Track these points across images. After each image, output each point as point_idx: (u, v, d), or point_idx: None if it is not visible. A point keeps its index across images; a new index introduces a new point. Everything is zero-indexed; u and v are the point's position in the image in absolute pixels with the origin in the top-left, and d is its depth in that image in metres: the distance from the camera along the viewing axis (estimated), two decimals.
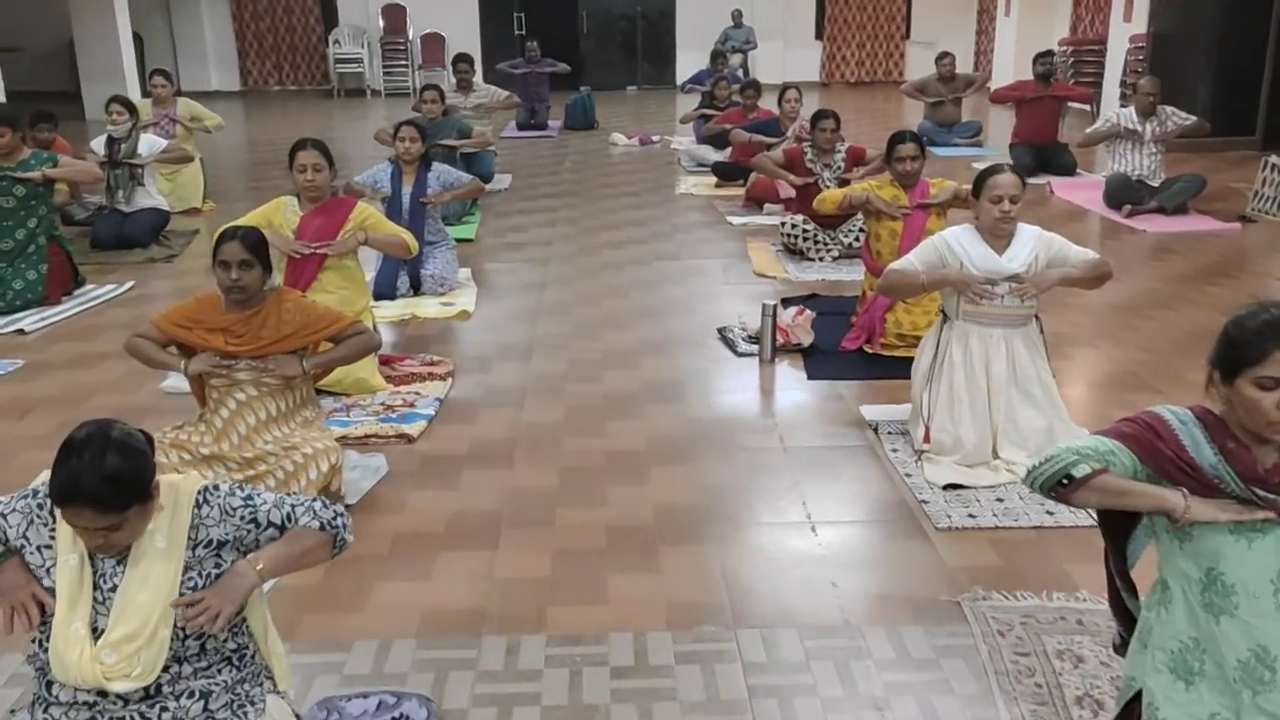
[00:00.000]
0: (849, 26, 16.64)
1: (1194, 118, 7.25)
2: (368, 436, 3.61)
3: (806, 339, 4.46)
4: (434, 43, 15.97)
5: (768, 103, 8.95)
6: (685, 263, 6.03)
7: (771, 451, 3.48)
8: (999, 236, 3.33)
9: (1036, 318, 3.40)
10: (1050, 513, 2.97)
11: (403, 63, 15.85)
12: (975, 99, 11.27)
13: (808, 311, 4.57)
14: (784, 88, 7.54)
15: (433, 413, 3.81)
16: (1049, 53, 8.97)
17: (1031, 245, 3.33)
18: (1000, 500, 3.06)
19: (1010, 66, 13.37)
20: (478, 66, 15.44)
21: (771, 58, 16.10)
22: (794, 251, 6.02)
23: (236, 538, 1.83)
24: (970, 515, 2.97)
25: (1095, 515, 1.96)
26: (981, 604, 2.48)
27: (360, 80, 15.93)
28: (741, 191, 7.71)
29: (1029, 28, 13.73)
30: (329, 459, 2.94)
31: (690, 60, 14.95)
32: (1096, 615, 2.38)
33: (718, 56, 11.39)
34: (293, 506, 1.86)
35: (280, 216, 4.14)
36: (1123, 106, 7.87)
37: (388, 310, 5.06)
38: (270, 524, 1.84)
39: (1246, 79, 9.55)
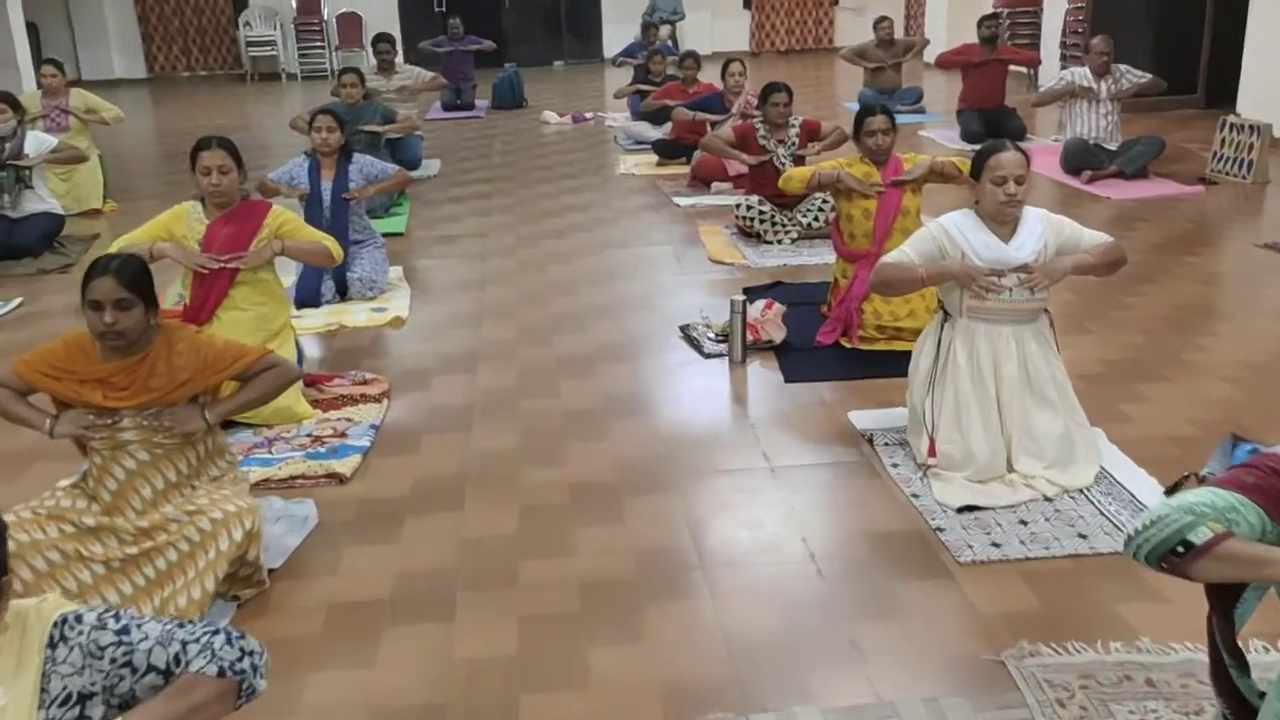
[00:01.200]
0: None
1: (1148, 75, 7.03)
2: (294, 479, 3.13)
3: (779, 335, 4.08)
4: (351, 22, 15.16)
5: (707, 75, 8.53)
6: (635, 251, 5.60)
7: (758, 474, 3.09)
8: (1004, 222, 2.97)
9: (1046, 310, 3.06)
10: (1083, 536, 2.64)
11: (319, 44, 15.03)
12: (914, 65, 11.00)
13: (777, 305, 4.18)
14: (726, 61, 7.12)
15: (368, 443, 3.34)
16: (995, 15, 8.72)
17: (1040, 231, 2.98)
18: (1024, 523, 2.72)
19: (943, 31, 13.13)
20: (399, 46, 14.88)
21: (700, 28, 15.65)
22: (749, 234, 5.63)
23: (106, 687, 1.37)
24: (994, 544, 2.62)
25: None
26: (1030, 662, 2.12)
27: (274, 64, 15.07)
28: (686, 170, 7.30)
29: None
30: (244, 523, 2.46)
31: (617, 33, 14.43)
32: (1167, 671, 2.04)
33: (648, 28, 10.90)
34: (183, 644, 1.39)
35: (183, 226, 3.60)
36: (1075, 66, 7.62)
37: (311, 320, 4.54)
38: (151, 668, 1.38)
39: (1187, 37, 9.42)
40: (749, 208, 5.59)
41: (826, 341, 4.09)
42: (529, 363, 4.03)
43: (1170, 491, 2.80)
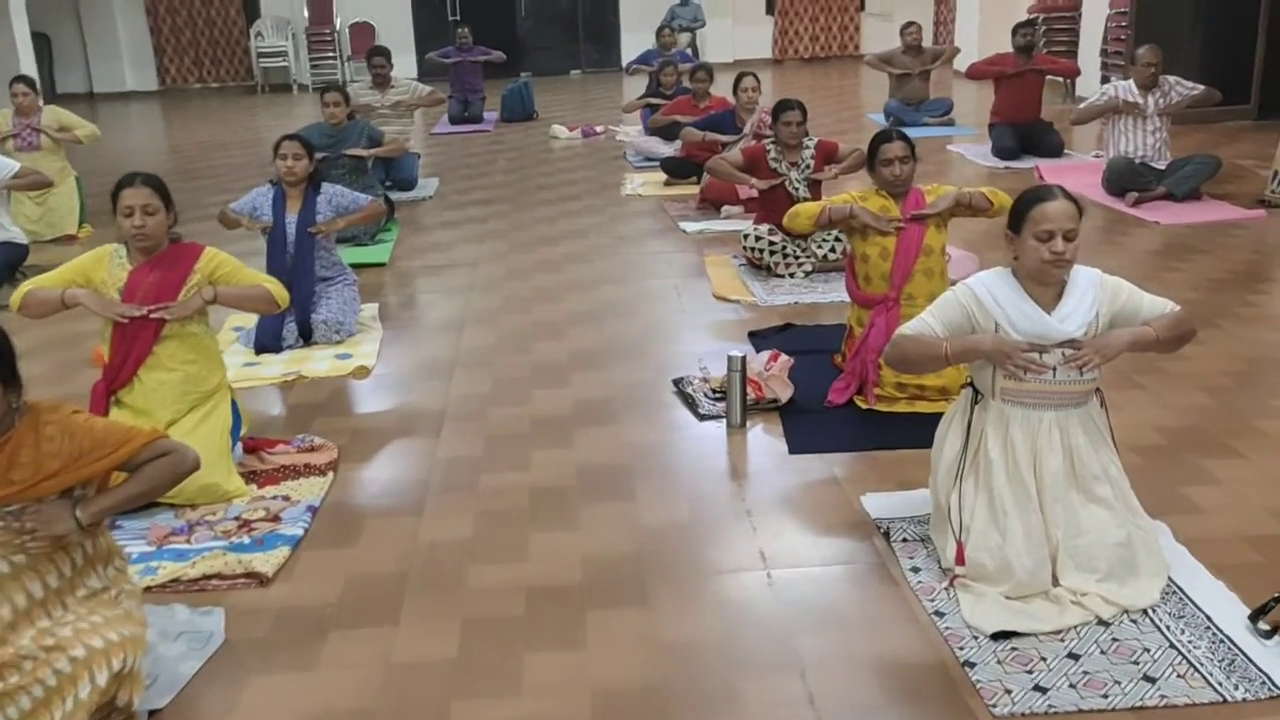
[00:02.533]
0: (801, 0, 15.76)
1: (1201, 87, 6.44)
2: (208, 578, 2.68)
3: (784, 393, 3.58)
4: (363, 32, 14.82)
5: (722, 88, 8.05)
6: (633, 286, 5.12)
7: (751, 579, 2.60)
8: (1047, 285, 2.47)
9: (1098, 391, 2.55)
10: (1150, 679, 2.13)
11: (330, 54, 14.70)
12: (943, 74, 10.45)
13: (783, 357, 3.69)
14: (739, 75, 6.63)
15: (301, 531, 2.88)
16: (1031, 22, 8.19)
17: (1091, 298, 2.47)
18: (1075, 658, 2.20)
19: (974, 38, 12.55)
20: (410, 56, 14.52)
21: (720, 35, 15.19)
22: (759, 266, 5.14)
23: None
24: (1038, 689, 2.11)
25: None
26: None
27: (286, 75, 14.78)
28: (695, 190, 6.83)
29: None
30: (112, 663, 2.01)
31: (636, 41, 13.97)
32: None
33: (662, 31, 10.39)
34: None
35: (103, 271, 3.17)
36: (1121, 79, 7.05)
37: (269, 369, 4.11)
38: None
39: (1238, 43, 8.82)
40: (758, 238, 5.09)
41: (839, 401, 3.60)
42: (498, 424, 3.56)
43: (1256, 616, 2.28)
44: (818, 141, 5.36)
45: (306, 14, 14.66)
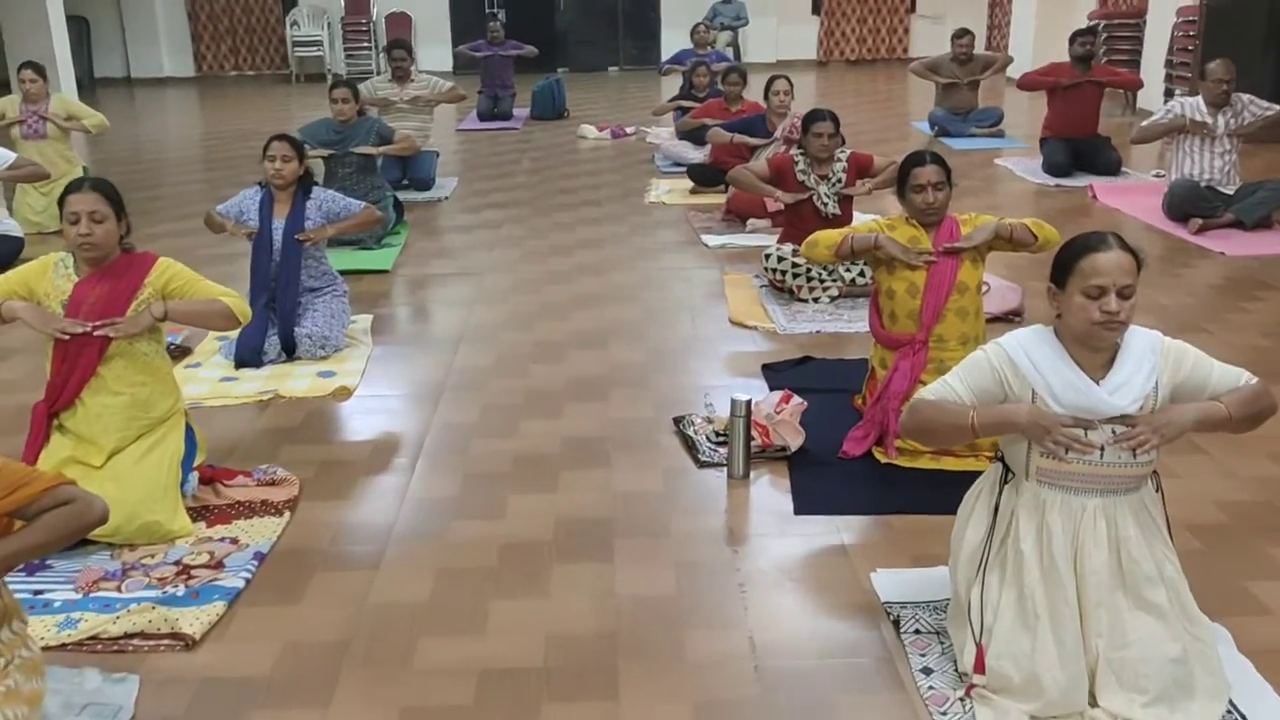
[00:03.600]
0: (849, 0, 15.29)
1: (1276, 107, 5.96)
2: (129, 637, 2.40)
3: (795, 441, 3.23)
4: (400, 22, 14.64)
5: (755, 92, 7.68)
6: (644, 304, 4.78)
7: (737, 670, 2.25)
8: (1097, 350, 2.10)
9: (1153, 474, 2.18)
10: None
11: (366, 45, 14.55)
12: (993, 81, 9.96)
13: (795, 399, 3.33)
14: (771, 78, 6.26)
15: (242, 582, 2.59)
16: (1091, 30, 7.69)
17: (1149, 366, 2.09)
18: None
19: (1029, 46, 12.05)
20: (445, 49, 14.27)
21: (764, 35, 14.79)
22: (781, 289, 4.78)
23: None
24: None
25: None
26: None
27: (320, 64, 14.64)
28: (721, 200, 6.48)
29: (1051, 1, 12.38)
30: None
31: (676, 38, 13.61)
32: None
33: (696, 29, 10.00)
34: None
35: (47, 282, 2.89)
36: (1184, 93, 6.58)
37: (246, 386, 3.83)
38: None
39: None
40: (781, 259, 4.73)
41: (855, 452, 3.24)
42: (478, 461, 3.25)
43: None
44: (850, 154, 4.98)
45: (343, 3, 14.50)
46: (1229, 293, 4.88)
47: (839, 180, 4.91)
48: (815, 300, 4.71)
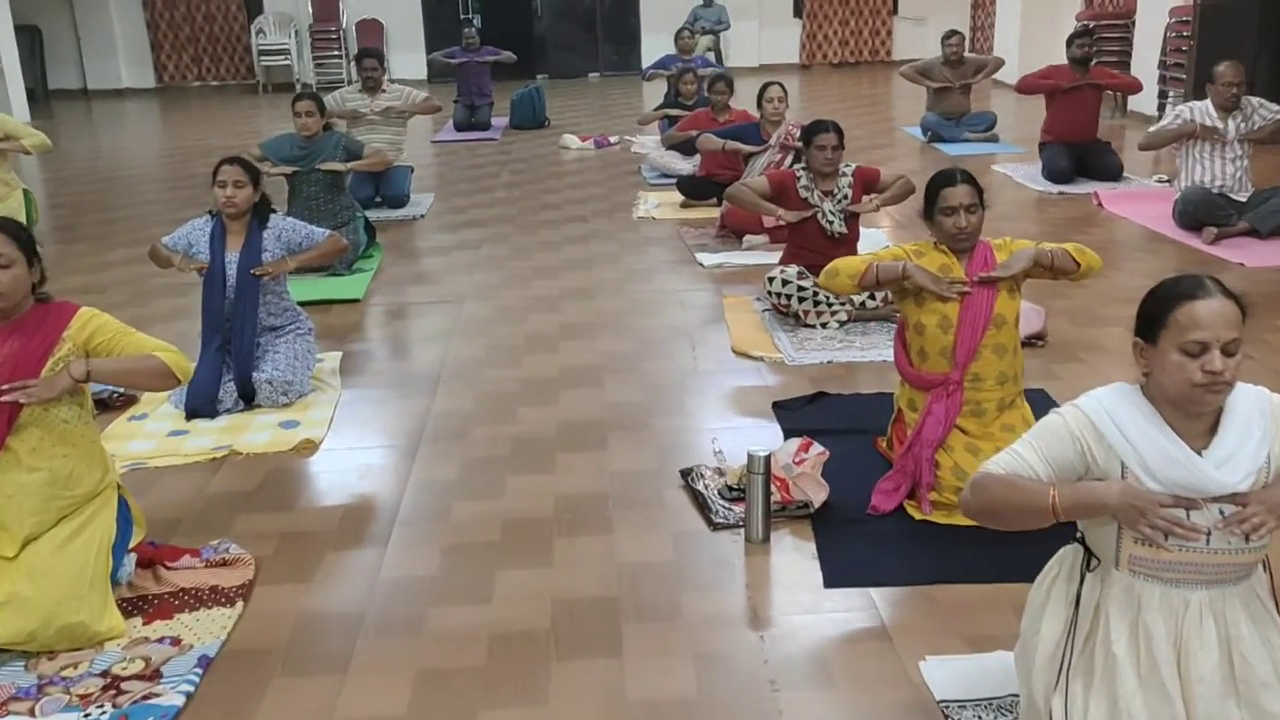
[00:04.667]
0: (831, 2, 15.03)
1: None
2: None
3: (818, 496, 2.88)
4: (371, 30, 14.22)
5: (745, 97, 7.34)
6: (638, 333, 4.41)
7: None
8: (1196, 415, 1.76)
9: (1264, 562, 1.84)
10: None
11: (336, 53, 14.10)
12: (982, 85, 9.67)
13: (816, 447, 2.97)
14: (764, 85, 5.92)
15: (182, 699, 2.17)
16: (1088, 32, 7.39)
17: (1259, 432, 1.74)
18: None
19: (1014, 47, 11.77)
20: (419, 56, 13.82)
21: (746, 38, 14.47)
22: (786, 313, 4.44)
23: None
24: None
25: None
26: None
27: (289, 73, 14.17)
28: (714, 214, 6.12)
29: (1036, 1, 12.12)
30: None
31: (657, 44, 13.28)
32: None
33: (681, 34, 9.62)
34: None
35: None
36: (1176, 96, 6.29)
37: (198, 441, 3.43)
38: None
39: None
40: (785, 282, 4.37)
41: (886, 507, 2.89)
42: (461, 529, 2.86)
43: None
44: (856, 168, 4.63)
45: (311, 10, 14.06)
46: (1258, 308, 4.54)
47: (845, 196, 4.56)
48: (823, 325, 4.36)
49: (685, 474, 3.10)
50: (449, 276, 5.36)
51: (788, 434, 3.37)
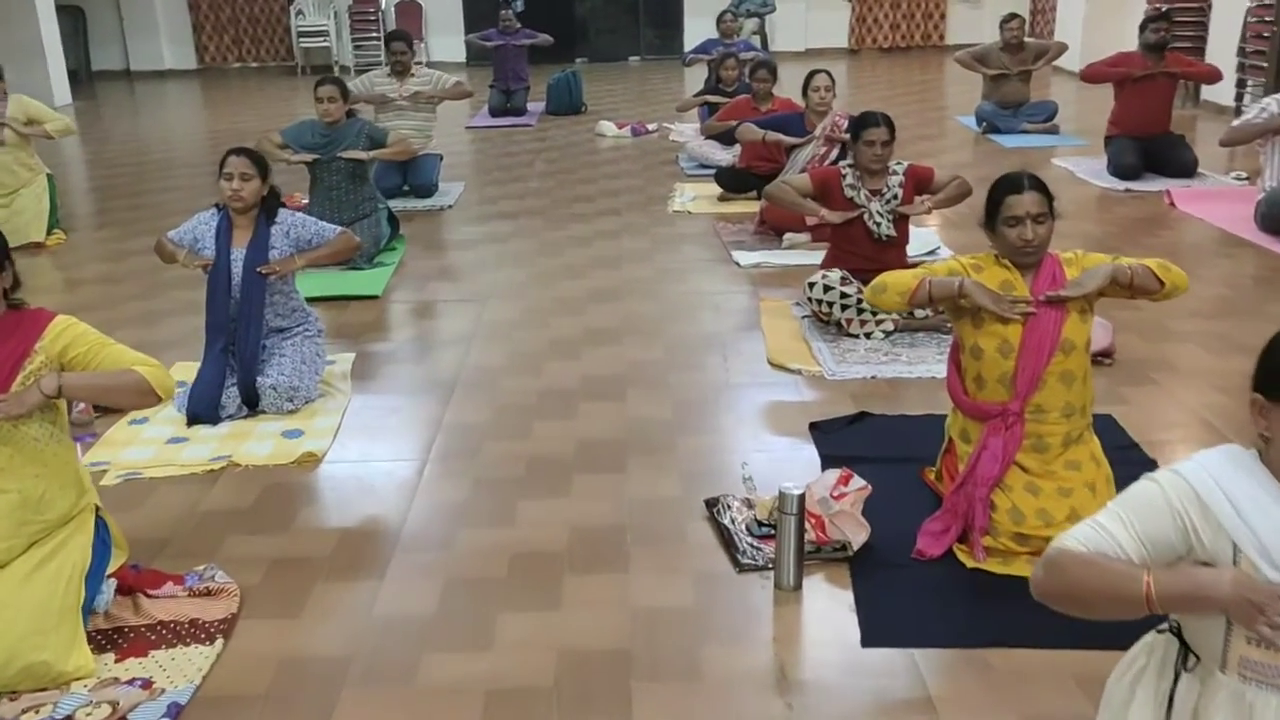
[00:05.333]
0: None
1: None
2: None
3: (857, 537, 2.60)
4: (410, 11, 14.02)
5: (789, 84, 7.01)
6: (669, 342, 4.13)
7: None
8: None
9: None
10: None
11: (375, 34, 13.89)
12: (1042, 73, 9.21)
13: (857, 480, 2.69)
14: (810, 73, 5.59)
15: None
16: (1165, 15, 6.89)
17: None
18: None
19: (1077, 32, 11.24)
20: (458, 39, 13.56)
21: (792, 21, 14.05)
22: (827, 321, 4.14)
23: None
24: None
25: None
26: None
27: (327, 55, 14.02)
28: (753, 209, 5.83)
29: None
30: None
31: (700, 27, 12.91)
32: None
33: (723, 18, 9.27)
34: None
35: None
36: (1256, 86, 5.85)
37: (196, 450, 3.22)
38: None
39: None
40: (827, 288, 4.07)
41: (934, 552, 2.60)
42: (465, 560, 2.62)
43: None
44: (908, 167, 4.30)
45: None
46: None
47: (894, 196, 4.24)
48: (867, 336, 4.05)
49: (711, 505, 2.84)
50: (473, 273, 5.13)
51: (825, 460, 3.10)
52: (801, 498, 2.45)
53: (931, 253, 5.15)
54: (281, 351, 3.51)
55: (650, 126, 8.87)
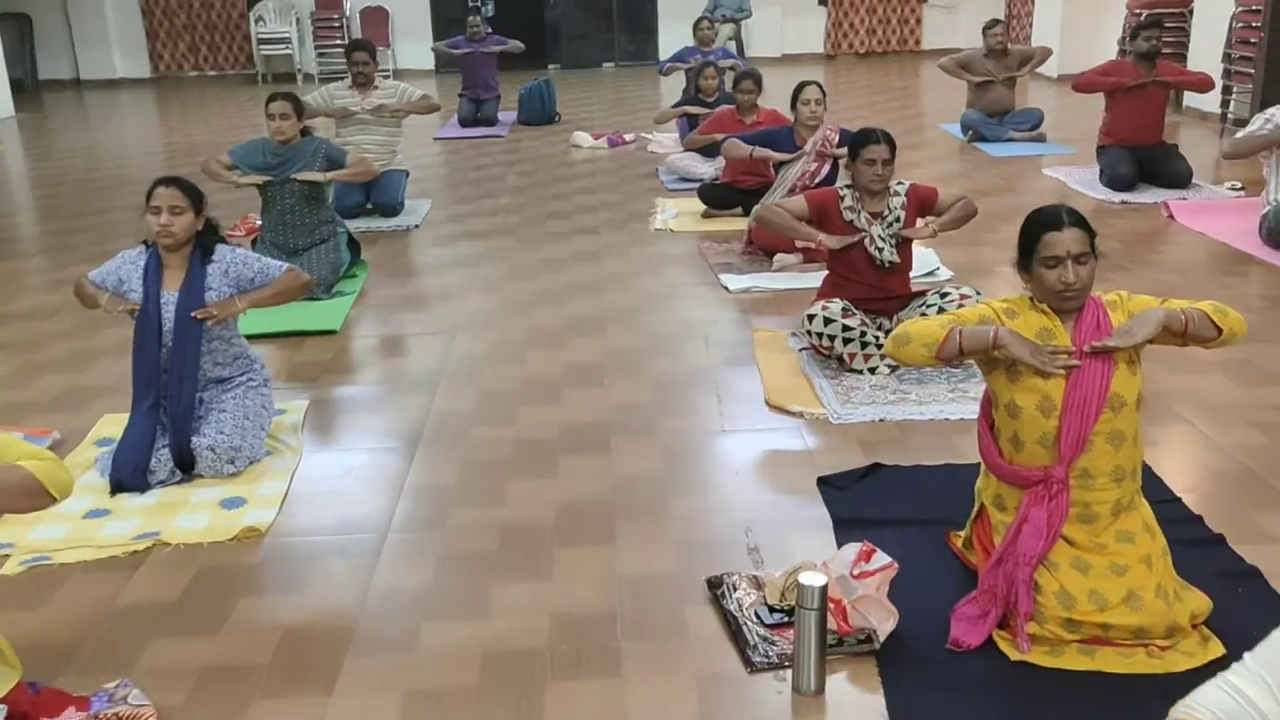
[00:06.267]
0: None
1: None
2: None
3: (884, 625, 2.25)
4: (375, 18, 13.61)
5: (768, 96, 6.69)
6: (655, 379, 3.76)
7: None
8: None
9: None
10: None
11: (338, 42, 13.45)
12: (1022, 81, 8.93)
13: (880, 556, 2.33)
14: (800, 85, 5.25)
15: None
16: (1157, 22, 6.65)
17: None
18: None
19: (1056, 37, 11.03)
20: (426, 45, 13.12)
21: (768, 27, 13.78)
22: (828, 355, 3.80)
23: None
24: None
25: None
26: None
27: (290, 63, 13.59)
28: (740, 226, 5.49)
29: None
30: None
31: (676, 33, 12.60)
32: None
33: (700, 24, 8.95)
34: None
35: None
36: (1241, 92, 5.61)
37: (117, 527, 2.80)
38: None
39: None
40: (827, 321, 3.73)
41: (972, 641, 2.25)
42: (430, 662, 2.23)
43: None
44: (910, 187, 3.98)
45: None
46: None
47: (897, 219, 3.90)
48: (872, 370, 3.72)
49: (713, 585, 2.48)
50: (441, 302, 4.74)
51: (838, 524, 2.76)
52: (824, 590, 2.10)
53: (930, 273, 4.84)
54: (221, 406, 3.11)
55: (628, 137, 8.52)
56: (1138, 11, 9.62)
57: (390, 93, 6.33)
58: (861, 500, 2.88)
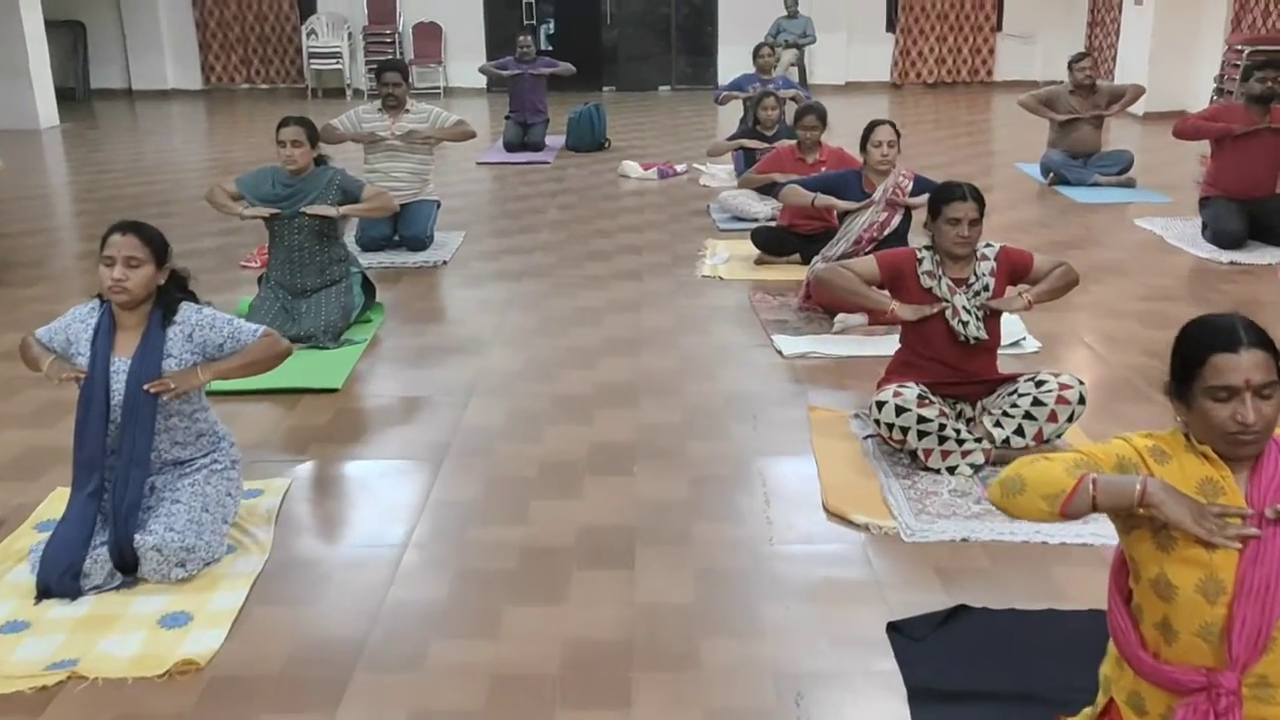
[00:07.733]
0: (927, 16, 13.67)
1: None
2: None
3: None
4: (428, 34, 13.31)
5: (837, 131, 6.12)
6: (694, 468, 3.19)
7: None
8: None
9: None
10: None
11: (390, 58, 13.19)
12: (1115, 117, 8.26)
13: None
14: (871, 125, 4.69)
15: None
16: (1273, 63, 5.97)
17: None
18: None
19: (1143, 74, 10.28)
20: (476, 65, 12.75)
21: (833, 54, 13.19)
22: (900, 448, 3.20)
23: None
24: None
25: None
26: None
27: (340, 78, 13.34)
28: (798, 276, 4.93)
29: (1171, 18, 10.61)
30: None
31: (735, 57, 12.07)
32: None
33: (760, 51, 8.39)
34: None
35: None
36: None
37: (31, 649, 2.30)
38: None
39: None
40: (900, 409, 3.14)
41: None
42: (434, 686, 1.75)
43: None
44: (1000, 250, 3.38)
45: (366, 11, 13.18)
46: None
47: (985, 288, 3.31)
48: (951, 471, 3.13)
49: None
50: (457, 359, 4.21)
51: (914, 695, 2.18)
52: None
53: (1016, 344, 4.23)
54: (175, 495, 2.61)
55: (679, 168, 8.00)
56: (1239, 48, 8.89)
57: (422, 117, 5.89)
58: (943, 659, 2.30)
